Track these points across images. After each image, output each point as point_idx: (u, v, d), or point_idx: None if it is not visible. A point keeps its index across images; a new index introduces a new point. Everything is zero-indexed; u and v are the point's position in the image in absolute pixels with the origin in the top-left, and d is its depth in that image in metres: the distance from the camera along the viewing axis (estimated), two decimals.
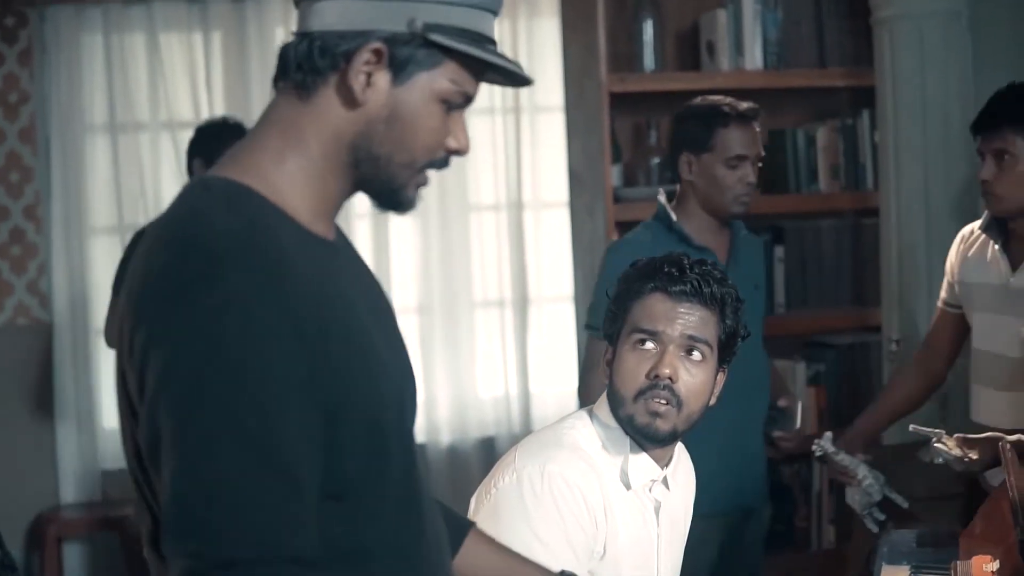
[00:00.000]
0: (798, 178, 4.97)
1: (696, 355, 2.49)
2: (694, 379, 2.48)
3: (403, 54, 1.71)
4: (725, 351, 2.55)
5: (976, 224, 3.60)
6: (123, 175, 5.35)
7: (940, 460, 3.31)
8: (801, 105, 5.07)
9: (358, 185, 1.78)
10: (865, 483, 3.43)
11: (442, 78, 1.74)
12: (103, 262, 5.34)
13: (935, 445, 3.36)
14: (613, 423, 2.53)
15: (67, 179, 5.31)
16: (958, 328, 3.70)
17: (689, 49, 5.08)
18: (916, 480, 4.07)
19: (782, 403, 3.72)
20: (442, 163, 1.80)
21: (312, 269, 1.68)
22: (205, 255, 1.61)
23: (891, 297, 4.74)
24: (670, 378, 2.45)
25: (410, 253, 5.43)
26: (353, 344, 1.71)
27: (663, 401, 2.45)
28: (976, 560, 2.51)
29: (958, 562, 2.57)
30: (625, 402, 2.48)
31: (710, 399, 2.53)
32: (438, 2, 1.71)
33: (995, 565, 2.44)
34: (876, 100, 4.80)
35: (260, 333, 1.59)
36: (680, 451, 2.63)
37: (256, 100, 5.35)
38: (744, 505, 3.66)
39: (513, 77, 1.80)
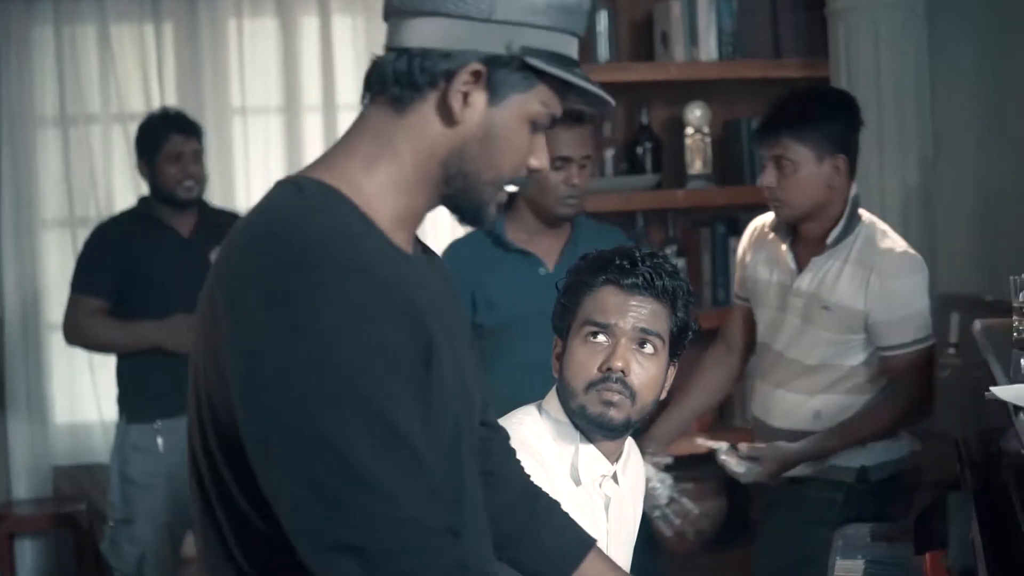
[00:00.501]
0: (753, 169, 4.95)
1: (648, 348, 2.48)
2: (646, 372, 2.47)
3: (500, 76, 1.75)
4: (676, 344, 2.54)
5: (767, 217, 3.62)
6: (74, 168, 5.33)
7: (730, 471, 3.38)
8: (756, 96, 5.03)
9: (443, 199, 1.82)
10: (649, 485, 3.40)
11: (534, 100, 1.78)
12: (54, 255, 5.31)
13: (721, 458, 3.41)
14: (563, 417, 2.51)
15: (17, 172, 5.27)
16: (749, 321, 3.73)
17: (644, 39, 5.06)
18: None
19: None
20: (522, 181, 1.86)
21: (394, 278, 1.71)
22: (303, 258, 1.64)
23: None
24: (622, 371, 2.44)
25: None
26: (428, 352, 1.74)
27: (616, 392, 2.44)
28: (930, 555, 2.51)
29: (911, 557, 2.56)
30: (576, 394, 2.47)
31: (662, 392, 2.53)
32: (533, 26, 1.74)
33: (949, 561, 2.43)
34: None
35: (364, 327, 1.63)
36: (630, 447, 2.62)
37: (208, 91, 5.33)
38: None
39: (596, 99, 1.83)
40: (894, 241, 3.50)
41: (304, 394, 1.60)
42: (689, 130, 4.86)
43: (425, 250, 1.92)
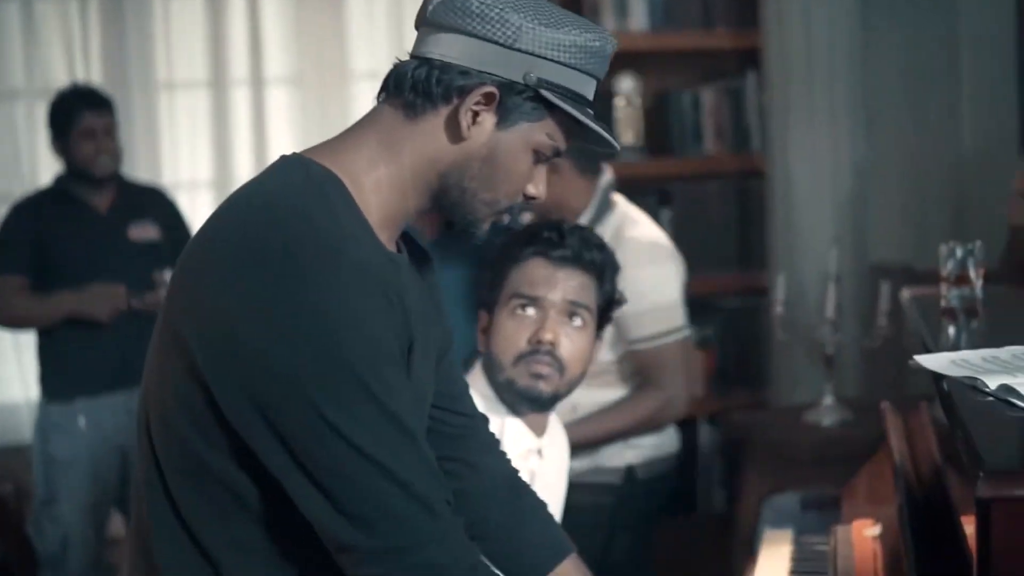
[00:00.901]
0: (684, 140, 4.93)
1: (577, 321, 2.48)
2: (575, 345, 2.47)
3: (512, 102, 1.80)
4: (603, 317, 2.53)
5: None
6: None
7: None
8: (687, 67, 5.03)
9: (436, 206, 1.87)
10: None
11: (541, 131, 1.83)
12: None
13: None
14: (489, 392, 2.50)
15: None
16: None
17: (573, 10, 4.98)
18: (801, 441, 4.10)
19: None
20: (518, 208, 1.95)
21: (387, 275, 1.77)
22: (310, 247, 1.69)
23: (777, 260, 4.74)
24: (552, 343, 2.43)
25: None
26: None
27: (545, 364, 2.42)
28: (857, 524, 2.50)
29: (839, 526, 2.55)
30: (504, 367, 2.46)
31: (588, 365, 2.52)
32: (554, 61, 1.79)
33: (876, 529, 2.42)
34: (762, 62, 4.79)
35: (364, 320, 1.69)
36: (554, 421, 2.61)
37: (133, 66, 5.26)
38: None
39: (602, 142, 1.87)
40: (643, 229, 3.47)
41: (308, 379, 1.67)
42: (620, 101, 4.82)
43: (413, 251, 1.96)
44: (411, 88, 1.80)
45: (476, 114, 1.80)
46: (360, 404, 1.68)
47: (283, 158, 1.84)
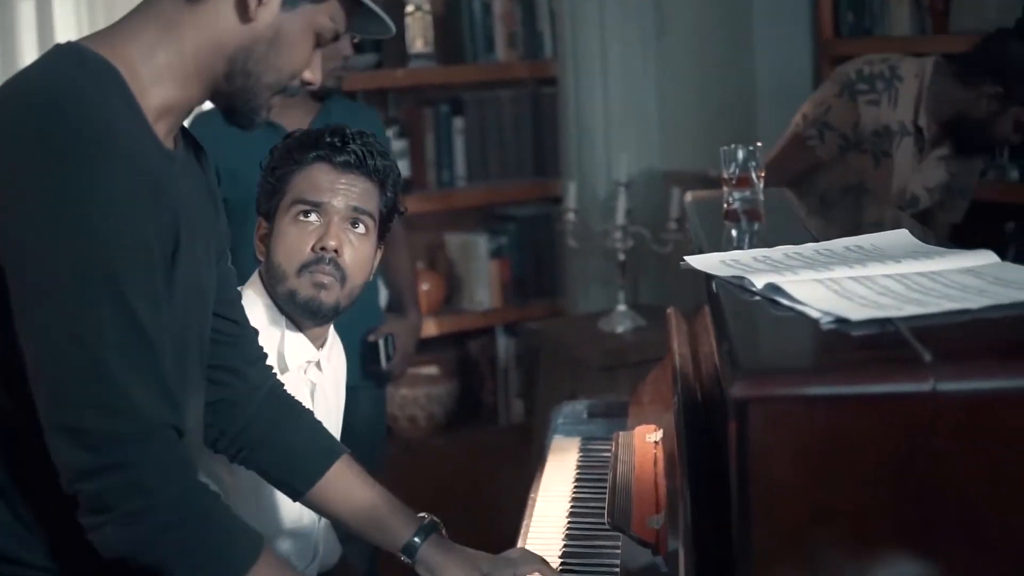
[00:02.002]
0: (475, 48, 4.86)
1: (360, 228, 2.43)
2: (358, 252, 2.43)
3: None
4: (384, 226, 2.49)
5: None
6: None
7: None
8: None
9: (216, 95, 1.83)
10: None
11: (323, 14, 1.83)
12: None
13: None
14: (269, 302, 2.44)
15: None
16: None
17: None
18: (595, 348, 4.11)
19: (371, 338, 3.69)
20: (293, 90, 1.89)
21: (156, 171, 1.72)
22: (79, 136, 1.63)
23: (570, 167, 4.73)
24: (336, 251, 2.37)
25: None
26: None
27: (327, 274, 2.37)
28: (638, 430, 2.49)
29: (620, 432, 2.54)
30: (287, 277, 2.40)
31: (369, 275, 2.47)
32: None
33: (658, 435, 2.41)
34: None
35: (126, 216, 1.64)
36: (332, 333, 2.56)
37: None
38: None
39: (380, 23, 1.89)
40: None
41: (58, 270, 1.62)
42: (409, 7, 4.73)
43: (188, 145, 1.92)
44: None
45: None
46: (106, 304, 1.63)
47: (57, 46, 1.76)
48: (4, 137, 1.65)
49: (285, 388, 2.24)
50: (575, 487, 2.57)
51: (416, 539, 2.17)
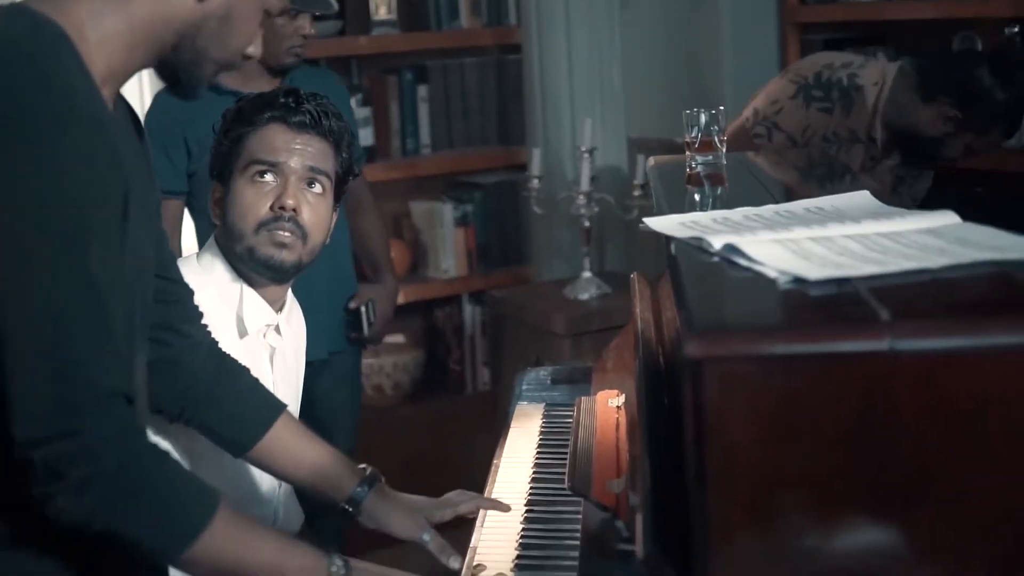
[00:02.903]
0: (439, 15, 4.83)
1: (316, 187, 2.44)
2: (316, 212, 2.44)
3: None
4: (340, 187, 2.49)
5: None
6: None
7: None
8: None
9: (161, 64, 1.83)
10: None
11: None
12: None
13: None
14: (225, 265, 2.43)
15: None
16: None
17: None
18: (560, 315, 4.10)
19: (352, 305, 3.70)
20: (236, 65, 1.91)
21: (106, 131, 1.72)
22: (31, 95, 1.63)
23: (535, 135, 4.72)
24: (294, 210, 2.37)
25: None
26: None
27: (289, 232, 2.36)
28: (601, 395, 2.48)
29: (583, 398, 2.53)
30: (245, 235, 2.40)
31: (327, 235, 2.46)
32: None
33: (620, 399, 2.40)
34: None
35: (80, 175, 1.63)
36: (291, 298, 2.54)
37: None
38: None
39: (323, 2, 1.93)
40: None
41: (23, 238, 1.61)
42: None
43: (123, 106, 1.91)
44: None
45: None
46: (66, 272, 1.62)
47: (6, 7, 1.74)
48: None
49: (220, 346, 2.26)
50: (538, 452, 2.56)
51: (359, 490, 2.22)
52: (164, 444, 2.24)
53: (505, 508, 2.29)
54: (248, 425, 2.24)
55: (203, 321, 2.22)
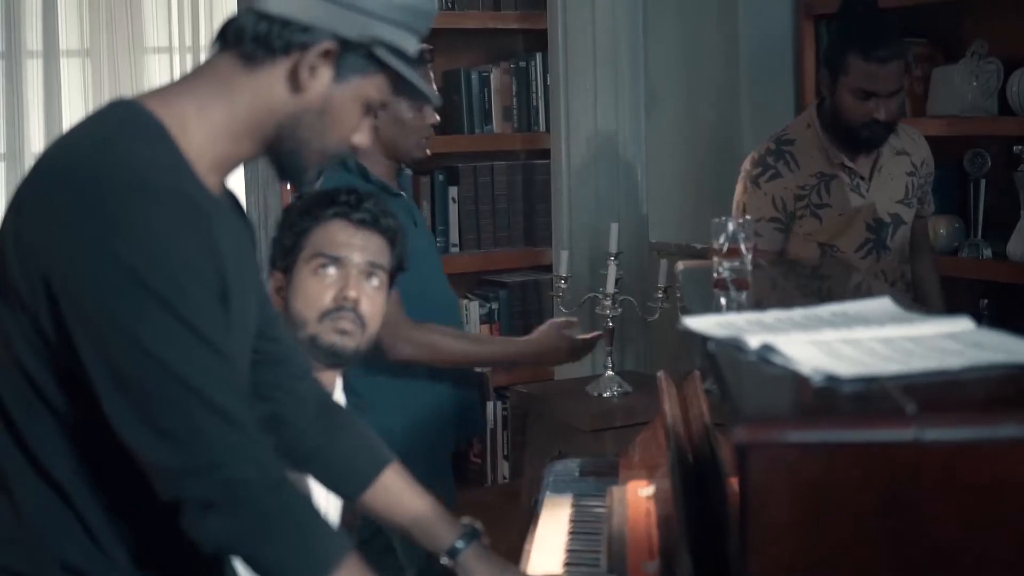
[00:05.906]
0: (472, 119, 5.00)
1: (375, 281, 2.60)
2: (373, 303, 2.60)
3: (348, 58, 1.90)
4: (392, 279, 2.64)
5: None
6: None
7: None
8: (476, 46, 5.11)
9: (268, 154, 1.95)
10: None
11: (371, 86, 1.94)
12: None
13: None
14: None
15: None
16: None
17: None
18: (582, 411, 4.20)
19: None
20: (341, 155, 2.07)
21: (204, 211, 1.81)
22: (123, 178, 1.74)
23: (560, 236, 4.85)
24: (355, 301, 2.53)
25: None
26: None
27: (350, 322, 2.52)
28: (631, 485, 2.60)
29: (614, 487, 2.64)
30: (308, 323, 2.55)
31: (381, 323, 2.63)
32: (385, 20, 1.89)
33: (650, 489, 2.52)
34: (548, 43, 4.89)
35: (177, 247, 1.74)
36: (338, 384, 2.69)
37: None
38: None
39: (423, 96, 2.02)
40: None
41: (117, 297, 1.71)
42: None
43: (230, 197, 2.02)
44: (252, 40, 1.87)
45: (314, 68, 1.88)
46: (166, 321, 1.72)
47: (111, 102, 1.88)
48: (52, 187, 1.77)
49: (332, 398, 2.36)
50: (570, 540, 2.62)
51: (459, 543, 2.32)
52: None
53: None
54: (353, 478, 2.33)
55: (312, 376, 2.32)
